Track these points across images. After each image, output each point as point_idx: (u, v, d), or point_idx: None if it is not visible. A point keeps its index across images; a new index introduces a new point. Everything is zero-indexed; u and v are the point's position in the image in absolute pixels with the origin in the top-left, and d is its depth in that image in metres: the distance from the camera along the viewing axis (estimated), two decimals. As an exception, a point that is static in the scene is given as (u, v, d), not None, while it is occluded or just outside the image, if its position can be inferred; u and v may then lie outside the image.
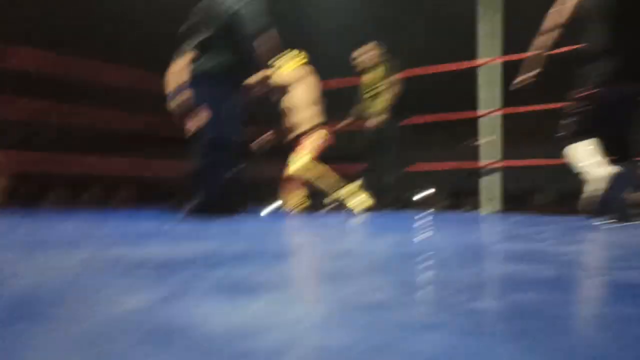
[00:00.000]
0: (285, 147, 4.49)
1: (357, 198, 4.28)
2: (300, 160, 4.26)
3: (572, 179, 3.09)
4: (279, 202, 4.60)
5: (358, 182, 4.43)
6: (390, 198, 4.86)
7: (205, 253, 1.37)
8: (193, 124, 3.23)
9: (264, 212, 3.68)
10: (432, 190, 4.86)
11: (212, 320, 0.66)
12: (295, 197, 4.28)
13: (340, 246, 1.62)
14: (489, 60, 5.43)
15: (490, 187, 5.42)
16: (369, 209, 4.31)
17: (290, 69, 4.27)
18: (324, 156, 4.45)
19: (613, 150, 2.72)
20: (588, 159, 2.71)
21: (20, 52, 4.62)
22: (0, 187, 5.95)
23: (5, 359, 0.49)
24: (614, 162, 2.67)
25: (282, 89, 4.08)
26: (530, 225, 2.81)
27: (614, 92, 2.66)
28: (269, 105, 4.26)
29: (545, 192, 10.85)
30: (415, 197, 5.06)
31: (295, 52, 4.40)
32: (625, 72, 2.63)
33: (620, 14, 2.58)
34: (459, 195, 12.08)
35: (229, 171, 3.15)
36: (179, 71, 3.24)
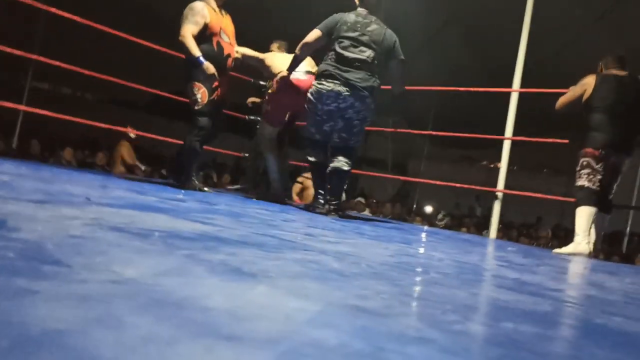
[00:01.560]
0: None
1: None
2: None
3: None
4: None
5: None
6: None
7: (211, 232, 1.38)
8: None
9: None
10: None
11: (210, 299, 0.68)
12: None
13: (341, 247, 1.63)
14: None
15: (495, 213, 5.40)
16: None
17: None
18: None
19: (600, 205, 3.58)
20: (585, 229, 3.48)
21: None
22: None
23: (4, 315, 0.50)
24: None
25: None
26: (529, 256, 2.81)
27: (609, 158, 3.56)
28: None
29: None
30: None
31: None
32: (616, 145, 3.56)
33: (615, 104, 3.58)
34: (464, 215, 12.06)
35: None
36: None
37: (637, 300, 1.55)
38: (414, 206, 12.20)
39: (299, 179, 6.85)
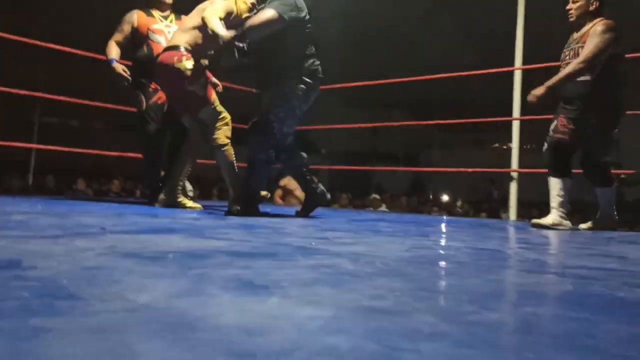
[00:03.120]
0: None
1: None
2: None
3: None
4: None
5: None
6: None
7: (224, 247, 1.39)
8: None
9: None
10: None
11: (223, 317, 0.68)
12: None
13: (356, 248, 1.63)
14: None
15: (513, 194, 5.36)
16: None
17: None
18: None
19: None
20: (557, 198, 3.32)
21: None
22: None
23: (19, 357, 0.51)
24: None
25: None
26: (547, 235, 2.78)
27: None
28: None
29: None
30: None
31: None
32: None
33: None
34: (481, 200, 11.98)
35: None
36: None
37: (660, 267, 1.53)
38: (430, 196, 12.14)
39: (282, 183, 6.86)
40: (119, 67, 3.58)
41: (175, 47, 3.19)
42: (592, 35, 3.18)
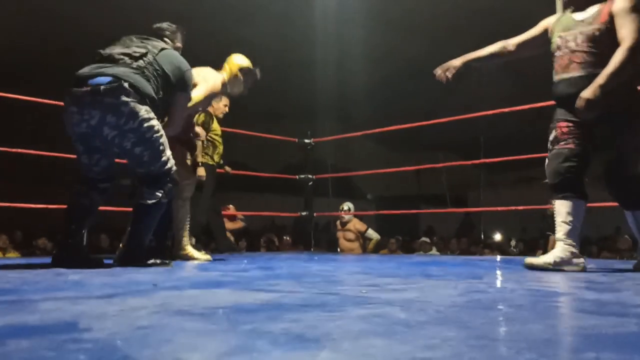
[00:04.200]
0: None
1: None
2: None
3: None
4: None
5: None
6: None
7: (273, 300, 1.39)
8: None
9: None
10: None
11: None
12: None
13: (407, 294, 1.60)
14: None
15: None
16: None
17: None
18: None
19: None
20: (563, 226, 2.67)
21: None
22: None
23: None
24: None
25: None
26: (606, 273, 2.65)
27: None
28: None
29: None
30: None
31: None
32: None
33: None
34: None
35: None
36: None
37: None
38: (482, 237, 11.84)
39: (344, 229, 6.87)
40: None
41: None
42: (622, 15, 2.55)
